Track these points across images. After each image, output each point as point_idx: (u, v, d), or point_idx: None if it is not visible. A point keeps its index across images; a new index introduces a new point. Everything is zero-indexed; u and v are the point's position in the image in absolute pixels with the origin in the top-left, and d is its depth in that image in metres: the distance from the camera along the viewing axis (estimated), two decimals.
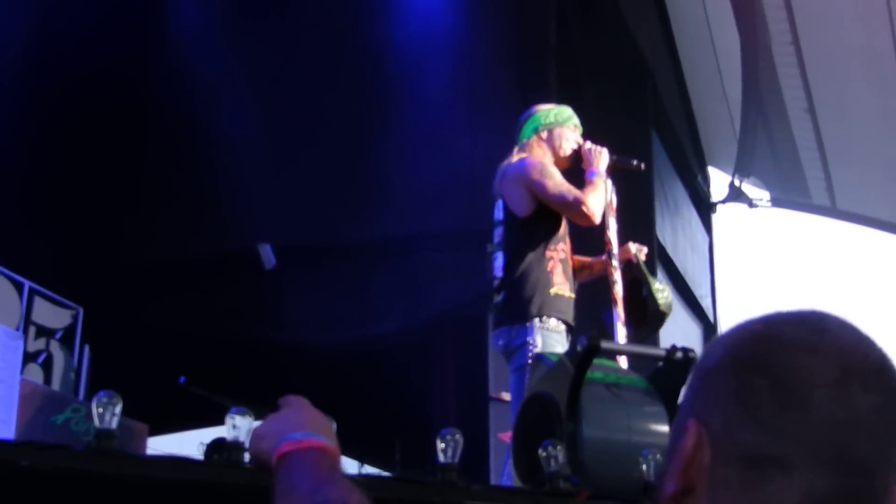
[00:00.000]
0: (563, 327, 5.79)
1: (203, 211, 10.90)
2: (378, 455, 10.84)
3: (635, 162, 6.31)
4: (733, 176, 15.16)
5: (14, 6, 10.52)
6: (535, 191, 5.88)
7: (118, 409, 3.56)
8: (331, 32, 10.71)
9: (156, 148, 11.38)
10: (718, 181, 15.82)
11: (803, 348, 1.26)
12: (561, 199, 5.85)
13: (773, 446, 1.22)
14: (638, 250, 6.16)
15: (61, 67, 10.52)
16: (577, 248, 6.20)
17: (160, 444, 10.13)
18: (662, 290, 6.12)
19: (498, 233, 6.07)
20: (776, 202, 15.31)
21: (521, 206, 5.94)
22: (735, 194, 15.33)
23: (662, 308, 6.05)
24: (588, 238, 6.31)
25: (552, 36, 10.62)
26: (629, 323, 5.90)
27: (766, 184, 15.08)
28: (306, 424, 1.85)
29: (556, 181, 5.87)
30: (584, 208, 5.79)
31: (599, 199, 5.89)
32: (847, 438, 1.21)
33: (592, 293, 6.35)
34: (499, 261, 5.99)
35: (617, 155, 6.24)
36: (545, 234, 5.92)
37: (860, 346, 1.27)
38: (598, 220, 5.86)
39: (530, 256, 5.89)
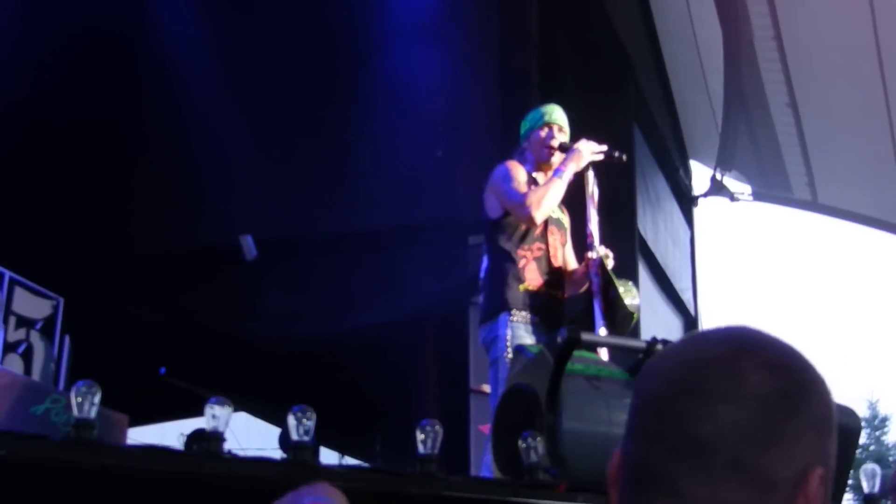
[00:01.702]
0: (535, 320, 5.86)
1: (184, 203, 10.89)
2: (358, 446, 10.85)
3: (617, 154, 6.33)
4: (715, 170, 15.17)
5: None
6: (497, 194, 6.05)
7: (97, 398, 3.55)
8: (311, 25, 10.70)
9: (136, 141, 11.37)
10: (700, 175, 15.87)
11: (664, 356, 1.39)
12: (509, 201, 6.06)
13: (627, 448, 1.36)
14: (605, 255, 6.19)
15: (42, 61, 10.52)
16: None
17: (140, 435, 10.12)
18: (629, 292, 6.15)
19: None
20: (758, 196, 15.33)
21: (491, 209, 6.15)
22: (717, 188, 15.34)
23: (630, 308, 6.07)
24: (573, 231, 6.35)
25: (534, 29, 10.63)
26: (604, 323, 5.95)
27: (747, 178, 15.10)
28: None
29: (512, 184, 6.03)
30: (524, 209, 5.93)
31: (544, 198, 5.96)
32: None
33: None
34: (484, 263, 6.15)
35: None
36: (517, 234, 6.05)
37: (715, 337, 1.36)
38: (539, 219, 5.99)
39: (502, 256, 6.05)
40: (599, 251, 6.15)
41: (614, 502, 1.34)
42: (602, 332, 5.88)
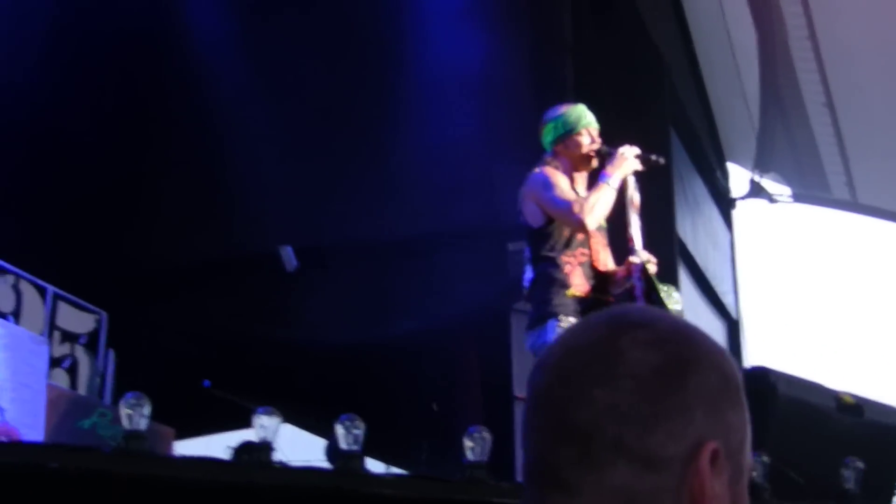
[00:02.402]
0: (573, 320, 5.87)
1: (222, 213, 10.91)
2: (401, 455, 10.85)
3: (654, 157, 6.33)
4: (753, 171, 15.10)
5: (27, 9, 10.55)
6: (540, 202, 6.01)
7: (146, 410, 3.58)
8: (346, 31, 10.70)
9: (173, 152, 11.39)
10: (738, 177, 15.76)
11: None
12: (556, 208, 6.07)
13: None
14: (647, 261, 6.18)
15: (78, 73, 10.55)
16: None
17: (186, 449, 10.15)
18: (671, 297, 6.15)
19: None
20: (797, 197, 15.24)
21: (533, 218, 6.17)
22: (755, 190, 15.26)
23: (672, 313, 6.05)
24: (613, 236, 6.36)
25: (568, 33, 10.61)
26: None
27: (786, 179, 15.01)
28: None
29: (556, 192, 6.03)
30: (574, 215, 5.92)
31: (597, 205, 5.97)
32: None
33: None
34: (527, 272, 6.15)
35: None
36: (560, 241, 6.05)
37: (594, 320, 1.36)
38: (592, 226, 5.99)
39: (546, 263, 6.08)
40: (642, 256, 6.14)
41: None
42: None
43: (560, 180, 6.06)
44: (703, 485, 1.24)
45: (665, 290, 6.08)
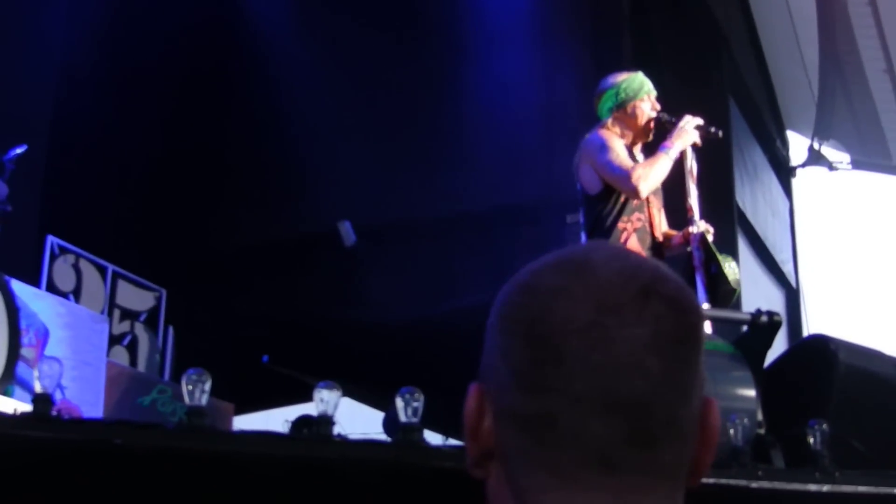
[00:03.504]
0: None
1: (282, 192, 10.96)
2: (461, 428, 10.85)
3: (713, 129, 6.27)
4: (812, 139, 14.99)
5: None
6: (595, 165, 5.96)
7: (207, 386, 3.59)
8: (405, 7, 10.70)
9: (234, 132, 11.45)
10: (797, 145, 15.65)
11: (557, 294, 1.20)
12: (611, 173, 5.97)
13: (535, 404, 1.16)
14: (706, 230, 6.13)
15: (145, 58, 10.62)
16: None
17: (245, 423, 10.22)
18: (731, 267, 6.10)
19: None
20: (857, 164, 15.12)
21: (590, 184, 6.08)
22: (815, 158, 15.15)
23: (732, 284, 6.02)
24: (671, 206, 6.31)
25: (625, 3, 10.56)
26: (706, 298, 5.89)
27: (845, 146, 14.89)
28: None
29: (611, 156, 5.96)
30: (629, 182, 5.86)
31: (652, 173, 5.90)
32: (610, 381, 1.14)
33: (675, 260, 6.34)
34: (582, 240, 6.10)
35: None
36: (616, 206, 6.00)
37: (619, 279, 1.19)
38: (644, 194, 5.92)
39: (602, 229, 6.00)
40: (700, 226, 6.10)
41: None
42: (705, 306, 5.83)
43: (616, 144, 6.01)
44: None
45: (725, 261, 6.04)
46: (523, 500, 1.18)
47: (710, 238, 6.12)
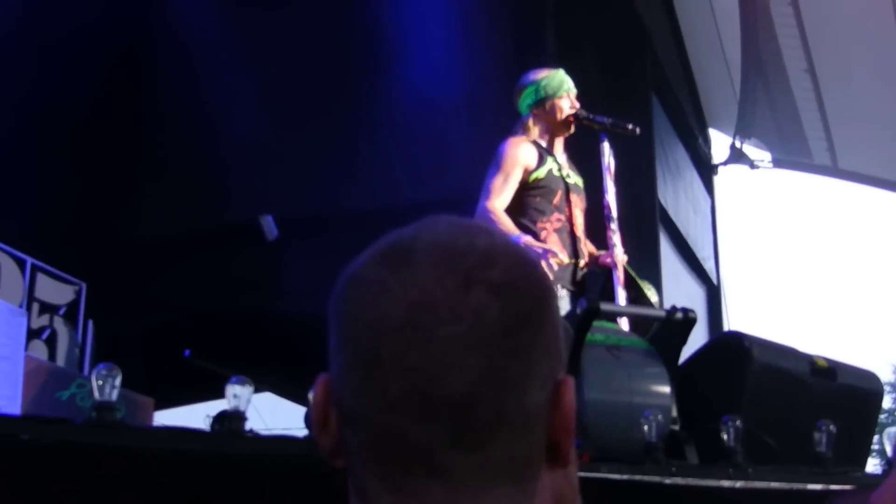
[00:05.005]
0: (563, 292, 5.85)
1: (202, 183, 10.88)
2: None
3: (630, 126, 6.32)
4: (734, 137, 15.11)
5: None
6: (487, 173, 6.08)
7: (118, 381, 3.57)
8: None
9: (152, 121, 11.36)
10: (720, 143, 15.78)
11: (375, 289, 1.18)
12: (484, 187, 6.25)
13: (359, 408, 1.14)
14: (622, 262, 6.17)
15: (57, 38, 10.49)
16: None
17: (167, 418, 10.14)
18: (649, 289, 6.16)
19: None
20: (777, 163, 15.26)
21: None
22: (736, 156, 15.27)
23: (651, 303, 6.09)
24: (589, 203, 6.34)
25: (549, 0, 10.59)
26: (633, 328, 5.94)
27: (767, 145, 15.03)
28: None
29: (495, 177, 6.09)
30: (484, 204, 6.16)
31: (498, 224, 5.92)
32: (424, 384, 1.10)
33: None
34: None
35: (612, 119, 6.27)
36: (533, 208, 6.02)
37: (437, 271, 1.14)
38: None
39: (522, 231, 6.02)
40: (618, 259, 6.12)
41: None
42: (621, 300, 5.88)
43: (513, 162, 6.09)
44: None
45: (645, 287, 6.11)
46: (365, 502, 1.16)
47: (623, 268, 6.17)
